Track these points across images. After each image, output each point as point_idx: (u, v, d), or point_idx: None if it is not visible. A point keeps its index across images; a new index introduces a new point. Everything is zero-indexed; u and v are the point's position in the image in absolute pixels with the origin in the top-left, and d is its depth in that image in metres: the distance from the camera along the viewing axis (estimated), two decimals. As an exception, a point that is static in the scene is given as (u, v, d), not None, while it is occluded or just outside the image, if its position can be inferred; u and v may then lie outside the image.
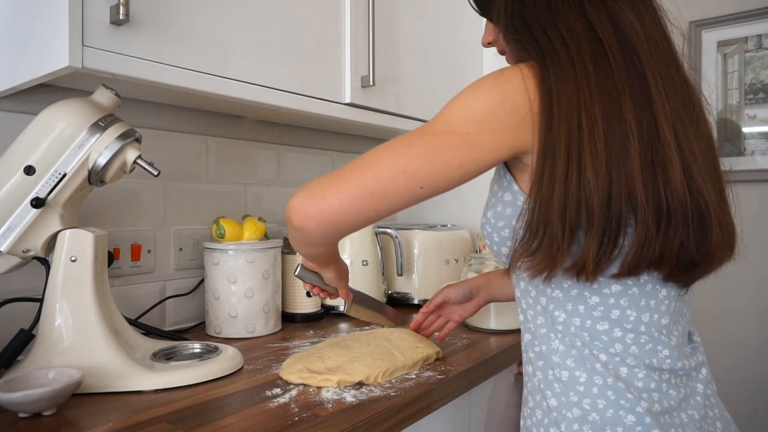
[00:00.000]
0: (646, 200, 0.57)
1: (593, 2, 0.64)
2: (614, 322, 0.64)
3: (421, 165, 0.60)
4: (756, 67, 1.52)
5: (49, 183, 0.80)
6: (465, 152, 0.60)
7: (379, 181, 0.61)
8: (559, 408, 0.65)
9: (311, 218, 0.63)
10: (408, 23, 1.37)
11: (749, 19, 1.52)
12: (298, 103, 1.09)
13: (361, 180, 0.61)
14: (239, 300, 1.11)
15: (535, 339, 0.69)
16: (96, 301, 0.82)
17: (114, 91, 0.86)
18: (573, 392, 0.65)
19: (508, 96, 0.60)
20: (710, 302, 1.60)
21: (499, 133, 0.60)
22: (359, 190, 0.61)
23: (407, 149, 0.61)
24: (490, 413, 1.06)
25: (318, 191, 0.63)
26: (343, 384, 0.81)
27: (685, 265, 0.62)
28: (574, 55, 0.60)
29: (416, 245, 1.47)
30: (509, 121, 0.60)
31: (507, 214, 0.66)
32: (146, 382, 0.80)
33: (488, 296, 1.04)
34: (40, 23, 0.80)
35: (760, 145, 1.51)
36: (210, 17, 0.93)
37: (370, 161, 0.62)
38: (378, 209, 0.62)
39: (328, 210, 0.62)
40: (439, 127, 0.62)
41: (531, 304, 0.70)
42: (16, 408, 0.69)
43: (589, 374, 0.64)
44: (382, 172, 0.61)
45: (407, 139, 0.62)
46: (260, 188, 1.41)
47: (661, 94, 0.60)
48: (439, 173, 0.60)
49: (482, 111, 0.60)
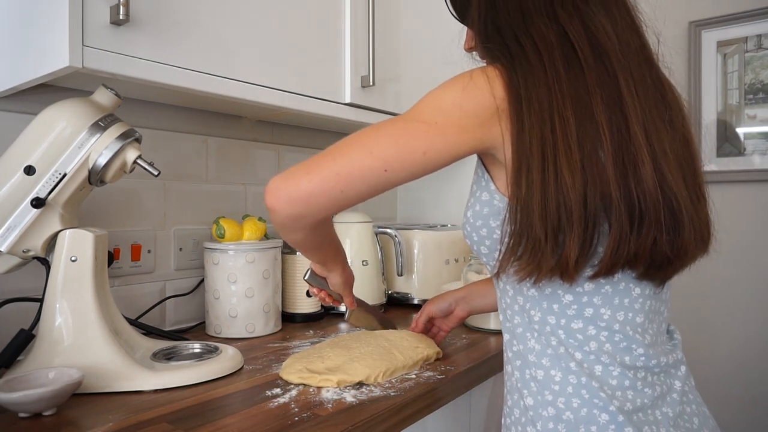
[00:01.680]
0: (620, 199, 0.58)
1: (566, 8, 0.65)
2: (588, 320, 0.65)
3: (388, 148, 0.62)
4: (756, 67, 1.52)
5: (49, 183, 0.80)
6: (431, 140, 0.62)
7: (346, 162, 0.63)
8: (535, 407, 0.66)
9: (281, 198, 0.65)
10: (408, 23, 1.37)
11: (749, 19, 1.52)
12: (298, 103, 1.09)
13: (331, 162, 0.63)
14: (239, 300, 1.11)
15: (513, 338, 0.70)
16: (96, 301, 0.82)
17: (114, 91, 0.86)
18: (548, 391, 0.66)
19: (475, 94, 0.62)
20: (710, 302, 1.60)
21: (466, 127, 0.62)
22: (327, 171, 0.63)
23: (376, 133, 0.64)
24: (490, 413, 1.06)
25: (290, 173, 0.65)
26: (343, 384, 0.81)
27: (659, 262, 0.63)
28: (545, 59, 0.61)
29: (416, 245, 1.47)
30: (476, 116, 0.62)
31: (484, 213, 0.68)
32: (146, 382, 0.80)
33: (468, 308, 1.05)
34: (40, 23, 0.80)
35: (760, 145, 1.51)
36: (210, 17, 0.93)
37: (341, 145, 0.65)
38: (345, 191, 0.63)
39: (296, 190, 0.64)
40: (409, 115, 0.64)
41: (509, 304, 0.71)
42: (16, 408, 0.69)
43: (564, 373, 0.65)
44: (350, 155, 0.63)
45: (377, 125, 0.65)
46: (260, 188, 1.41)
47: (633, 95, 0.61)
48: (404, 158, 0.62)
49: (450, 104, 0.62)
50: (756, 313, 1.53)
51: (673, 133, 0.65)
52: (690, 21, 1.59)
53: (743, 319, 1.55)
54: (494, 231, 0.67)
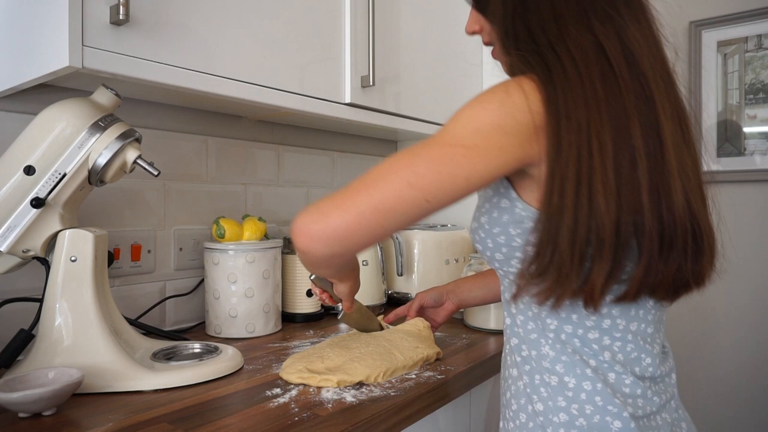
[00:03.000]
0: (653, 227, 0.57)
1: (600, 18, 0.62)
2: (605, 331, 0.65)
3: (428, 177, 0.58)
4: (756, 67, 1.52)
5: (49, 183, 0.80)
6: (472, 165, 0.58)
7: (385, 196, 0.58)
8: (545, 412, 0.66)
9: (316, 239, 0.59)
10: (408, 23, 1.37)
11: (749, 19, 1.52)
12: (298, 103, 1.09)
13: (366, 196, 0.58)
14: (239, 300, 1.11)
15: (523, 343, 0.69)
16: (96, 301, 0.82)
17: (114, 91, 0.86)
18: (561, 397, 0.65)
19: (513, 112, 0.58)
20: (710, 303, 1.60)
21: (507, 147, 0.58)
22: (365, 206, 0.58)
23: (412, 160, 0.59)
24: (490, 413, 1.06)
25: (322, 211, 0.60)
26: (343, 384, 0.81)
27: (677, 287, 0.63)
28: (583, 74, 0.58)
29: (416, 245, 1.47)
30: (517, 135, 0.58)
31: (504, 221, 0.66)
32: (146, 382, 0.80)
33: (457, 301, 1.07)
34: (40, 23, 0.80)
35: (760, 145, 1.51)
36: (210, 17, 0.93)
37: (375, 176, 0.59)
38: (385, 226, 0.59)
39: (334, 230, 0.59)
40: (446, 139, 0.59)
41: (522, 309, 0.70)
42: (16, 408, 0.69)
43: (579, 380, 0.65)
44: (388, 187, 0.58)
45: (413, 151, 0.59)
46: (260, 188, 1.41)
47: (667, 117, 0.60)
48: (445, 186, 0.58)
49: (489, 124, 0.58)
50: (756, 313, 1.53)
51: (690, 153, 0.64)
52: (690, 21, 1.59)
53: (744, 319, 1.54)
54: (514, 239, 0.65)
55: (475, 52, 1.67)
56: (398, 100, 1.34)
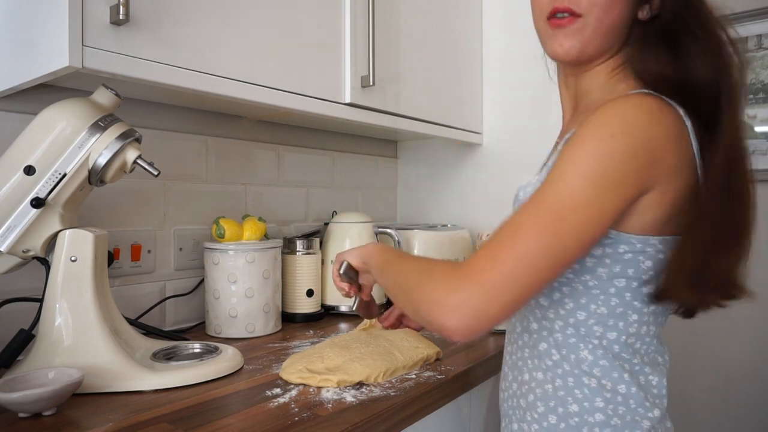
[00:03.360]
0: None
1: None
2: (641, 336, 0.68)
3: (571, 253, 0.58)
4: (756, 67, 1.52)
5: (49, 183, 0.80)
6: (603, 223, 0.58)
7: (535, 283, 0.57)
8: (581, 413, 0.68)
9: (478, 332, 0.58)
10: (408, 23, 1.37)
11: (749, 19, 1.52)
12: (298, 103, 1.09)
13: (518, 290, 0.57)
14: (239, 300, 1.11)
15: (554, 348, 0.70)
16: (96, 301, 0.82)
17: (114, 91, 0.86)
18: (600, 398, 0.67)
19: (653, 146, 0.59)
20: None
21: (633, 189, 0.59)
22: (519, 296, 0.57)
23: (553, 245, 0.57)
24: (490, 413, 1.06)
25: (477, 312, 0.57)
26: (343, 384, 0.81)
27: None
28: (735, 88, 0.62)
29: (416, 245, 1.47)
30: (647, 170, 0.59)
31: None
32: (146, 382, 0.80)
33: None
34: (40, 23, 0.80)
35: (760, 145, 1.51)
36: (210, 17, 0.93)
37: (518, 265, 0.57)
38: (534, 294, 0.59)
39: (495, 321, 0.58)
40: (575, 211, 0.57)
41: (562, 315, 0.70)
42: (16, 408, 0.69)
43: (615, 382, 0.67)
44: (538, 275, 0.57)
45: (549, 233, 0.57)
46: (260, 188, 1.41)
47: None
48: (581, 253, 0.59)
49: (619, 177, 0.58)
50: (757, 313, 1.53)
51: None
52: (690, 21, 1.59)
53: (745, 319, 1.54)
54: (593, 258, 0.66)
55: (475, 52, 1.67)
56: (398, 100, 1.34)
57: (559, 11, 0.67)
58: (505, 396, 0.79)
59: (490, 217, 1.68)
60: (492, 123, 1.68)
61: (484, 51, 1.69)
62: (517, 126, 1.63)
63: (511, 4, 1.63)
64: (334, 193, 1.64)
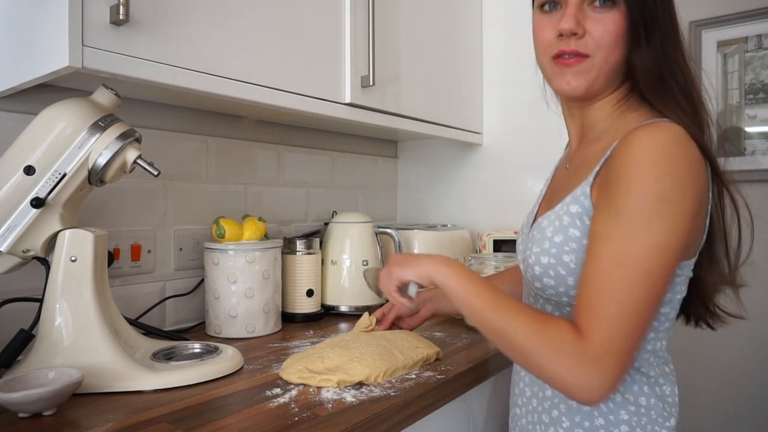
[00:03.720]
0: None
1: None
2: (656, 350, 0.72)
3: (657, 301, 0.62)
4: (756, 67, 1.52)
5: (49, 183, 0.80)
6: (674, 263, 0.63)
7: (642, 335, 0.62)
8: (606, 426, 0.70)
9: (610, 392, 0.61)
10: (408, 23, 1.37)
11: (749, 19, 1.52)
12: (298, 103, 1.09)
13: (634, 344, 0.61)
14: (239, 300, 1.11)
15: None
16: (96, 301, 0.82)
17: (114, 91, 0.86)
18: (624, 411, 0.70)
19: (699, 180, 0.63)
20: (710, 302, 1.60)
21: (688, 216, 0.62)
22: (635, 350, 0.62)
23: (643, 302, 0.60)
24: (490, 413, 1.06)
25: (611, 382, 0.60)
26: (343, 384, 0.81)
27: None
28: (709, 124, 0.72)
29: (416, 245, 1.47)
30: (693, 193, 0.63)
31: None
32: (146, 382, 0.80)
33: (433, 309, 1.08)
34: (40, 23, 0.80)
35: (760, 145, 1.51)
36: (210, 17, 0.93)
37: (614, 318, 0.60)
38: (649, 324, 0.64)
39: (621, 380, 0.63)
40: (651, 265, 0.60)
41: None
42: (16, 408, 0.69)
43: (637, 395, 0.70)
44: (641, 326, 0.61)
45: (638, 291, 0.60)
46: (260, 188, 1.41)
47: None
48: (665, 292, 0.64)
49: (680, 221, 0.61)
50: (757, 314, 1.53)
51: None
52: (690, 21, 1.59)
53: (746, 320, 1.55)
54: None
55: (475, 52, 1.67)
56: (398, 100, 1.34)
57: (566, 53, 0.70)
58: (522, 412, 0.81)
59: (490, 217, 1.68)
60: (492, 123, 1.68)
61: (484, 51, 1.69)
62: (517, 126, 1.63)
63: (511, 4, 1.63)
64: (334, 193, 1.64)
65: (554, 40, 0.71)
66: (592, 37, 0.69)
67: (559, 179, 0.83)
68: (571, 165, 0.80)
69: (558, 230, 0.70)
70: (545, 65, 0.75)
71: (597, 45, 0.69)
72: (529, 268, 0.74)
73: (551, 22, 0.72)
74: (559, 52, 0.71)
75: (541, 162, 1.55)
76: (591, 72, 0.70)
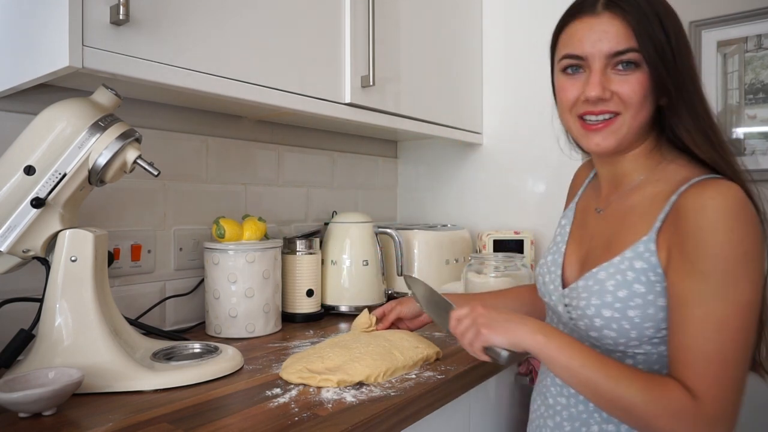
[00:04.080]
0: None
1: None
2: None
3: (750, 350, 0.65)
4: (756, 67, 1.52)
5: (49, 183, 0.80)
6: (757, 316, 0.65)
7: (743, 392, 0.64)
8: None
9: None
10: (408, 23, 1.37)
11: (749, 19, 1.52)
12: (298, 103, 1.09)
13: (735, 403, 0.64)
14: (239, 300, 1.11)
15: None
16: (96, 301, 0.82)
17: (114, 91, 0.86)
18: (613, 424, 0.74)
19: (758, 234, 0.66)
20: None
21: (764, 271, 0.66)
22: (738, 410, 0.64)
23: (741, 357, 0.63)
24: (490, 413, 1.06)
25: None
26: (343, 384, 0.81)
27: None
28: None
29: (416, 245, 1.47)
30: (763, 251, 0.66)
31: (660, 318, 0.70)
32: (146, 382, 0.80)
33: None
34: (40, 23, 0.80)
35: (760, 145, 1.51)
36: (210, 17, 0.93)
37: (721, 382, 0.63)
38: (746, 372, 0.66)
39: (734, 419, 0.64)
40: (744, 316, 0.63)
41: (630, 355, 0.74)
42: (16, 408, 0.69)
43: None
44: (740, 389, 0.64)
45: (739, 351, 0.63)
46: (260, 188, 1.41)
47: None
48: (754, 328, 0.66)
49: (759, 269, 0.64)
50: (756, 313, 1.53)
51: None
52: (690, 21, 1.59)
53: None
54: (660, 330, 0.70)
55: (475, 52, 1.67)
56: (398, 100, 1.34)
57: (593, 114, 0.72)
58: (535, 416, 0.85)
59: (490, 217, 1.68)
60: (492, 123, 1.68)
61: (484, 51, 1.69)
62: (517, 126, 1.63)
63: (511, 4, 1.63)
64: (334, 193, 1.64)
65: (580, 101, 0.73)
66: (621, 97, 0.70)
67: (592, 223, 0.83)
68: (609, 211, 0.80)
69: (621, 285, 0.71)
70: (570, 124, 0.77)
71: (626, 105, 0.70)
72: (587, 318, 0.74)
73: (575, 84, 0.73)
74: (585, 112, 0.73)
75: (540, 162, 1.56)
76: (620, 131, 0.72)
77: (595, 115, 0.72)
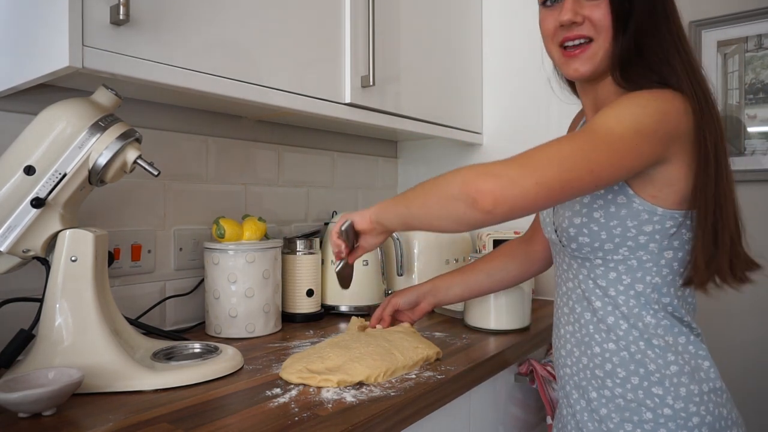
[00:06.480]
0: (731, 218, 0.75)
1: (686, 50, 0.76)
2: (685, 296, 0.80)
3: (605, 169, 0.67)
4: (756, 67, 1.52)
5: (49, 183, 0.80)
6: (632, 160, 0.68)
7: (571, 177, 0.65)
8: (659, 369, 0.77)
9: (505, 203, 0.65)
10: (408, 23, 1.37)
11: (749, 19, 1.52)
12: (298, 103, 1.09)
13: (556, 173, 0.65)
14: (239, 300, 1.11)
15: (621, 319, 0.79)
16: (96, 301, 0.82)
17: (114, 91, 0.86)
18: (670, 353, 0.77)
19: (672, 117, 0.70)
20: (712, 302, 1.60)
21: (655, 146, 0.69)
22: (554, 182, 0.65)
23: (593, 155, 0.66)
24: (490, 414, 1.06)
25: (512, 180, 0.65)
26: (343, 384, 0.81)
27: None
28: (702, 98, 0.72)
29: (416, 245, 1.47)
30: (666, 137, 0.69)
31: (621, 215, 0.75)
32: (146, 382, 0.80)
33: (434, 301, 1.09)
34: (40, 23, 0.80)
35: (760, 145, 1.51)
36: (210, 17, 0.93)
37: (560, 156, 0.66)
38: (554, 202, 0.67)
39: (524, 198, 0.64)
40: (614, 136, 0.67)
41: (622, 290, 0.79)
42: (16, 408, 0.69)
43: (676, 336, 0.77)
44: (575, 169, 0.65)
45: (591, 145, 0.67)
46: (260, 188, 1.41)
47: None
48: (611, 177, 0.68)
49: (648, 127, 0.68)
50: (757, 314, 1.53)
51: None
52: (690, 21, 1.59)
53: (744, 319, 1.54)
54: (629, 230, 0.75)
55: (475, 52, 1.67)
56: (398, 100, 1.34)
57: (570, 40, 0.78)
58: (574, 371, 0.85)
59: (490, 217, 1.68)
60: (492, 123, 1.68)
61: (484, 50, 1.69)
62: (517, 126, 1.63)
63: (511, 4, 1.63)
64: (334, 193, 1.64)
65: (557, 29, 0.79)
66: (592, 21, 0.76)
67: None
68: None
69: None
70: (553, 53, 0.83)
71: (597, 29, 0.76)
72: (564, 231, 0.81)
73: (553, 14, 0.80)
74: (563, 39, 0.79)
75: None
76: (596, 56, 0.77)
77: (571, 40, 0.78)
